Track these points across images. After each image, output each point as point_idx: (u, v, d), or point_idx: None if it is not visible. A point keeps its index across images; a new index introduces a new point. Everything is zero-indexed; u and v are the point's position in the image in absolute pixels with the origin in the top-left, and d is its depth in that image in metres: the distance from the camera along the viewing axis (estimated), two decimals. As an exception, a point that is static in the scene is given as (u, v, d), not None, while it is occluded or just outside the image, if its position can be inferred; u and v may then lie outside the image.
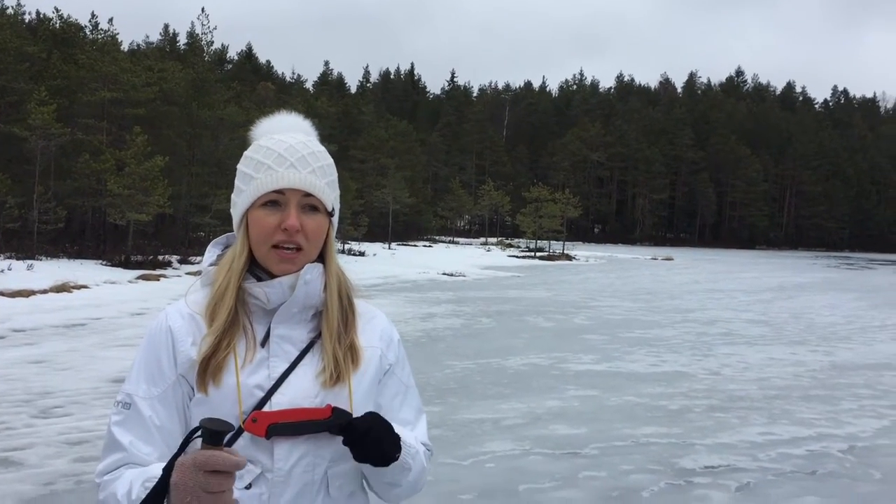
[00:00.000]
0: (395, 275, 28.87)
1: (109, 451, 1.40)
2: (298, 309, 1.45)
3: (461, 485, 5.83)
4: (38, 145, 25.68)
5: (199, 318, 1.44)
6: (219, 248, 1.56)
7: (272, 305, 1.44)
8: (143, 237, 29.64)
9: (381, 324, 1.58)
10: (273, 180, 1.42)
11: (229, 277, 1.43)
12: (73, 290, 17.94)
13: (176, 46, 73.78)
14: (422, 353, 11.71)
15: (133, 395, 1.41)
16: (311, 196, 1.44)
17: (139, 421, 1.39)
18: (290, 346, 1.44)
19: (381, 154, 56.76)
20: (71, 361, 10.01)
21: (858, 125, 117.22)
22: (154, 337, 1.45)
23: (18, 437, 6.61)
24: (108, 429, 1.42)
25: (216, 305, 1.42)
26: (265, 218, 1.42)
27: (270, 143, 1.47)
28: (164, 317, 1.47)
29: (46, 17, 43.75)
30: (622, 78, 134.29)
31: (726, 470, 6.44)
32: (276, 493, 1.38)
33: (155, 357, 1.43)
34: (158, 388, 1.41)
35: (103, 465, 1.39)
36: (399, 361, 1.58)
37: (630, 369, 11.10)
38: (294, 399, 1.39)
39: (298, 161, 1.44)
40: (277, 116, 1.56)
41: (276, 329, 1.44)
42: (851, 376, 11.16)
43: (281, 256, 1.42)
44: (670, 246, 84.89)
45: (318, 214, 1.45)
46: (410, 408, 1.58)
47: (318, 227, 1.45)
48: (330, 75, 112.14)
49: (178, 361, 1.41)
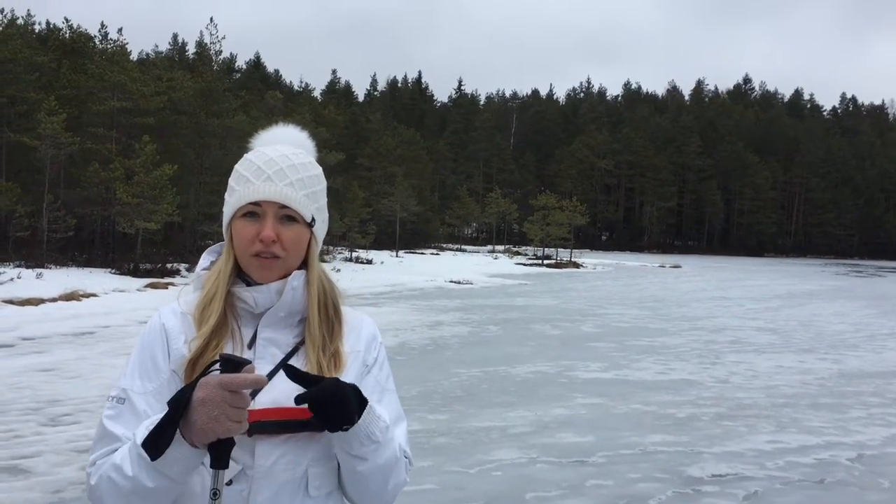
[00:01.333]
0: (402, 283, 28.88)
1: (102, 442, 1.42)
2: (285, 313, 1.50)
3: (468, 492, 5.83)
4: (47, 154, 25.84)
5: (190, 317, 1.49)
6: (213, 255, 1.61)
7: (260, 309, 1.49)
8: (152, 245, 29.74)
9: (367, 330, 1.61)
10: (250, 193, 1.48)
11: (217, 283, 1.49)
12: (81, 299, 18.02)
13: (185, 56, 74.26)
14: (429, 360, 11.71)
15: (128, 389, 1.44)
16: (287, 207, 1.49)
17: (133, 415, 1.42)
18: (276, 348, 1.49)
19: (388, 162, 56.84)
20: (79, 369, 10.06)
21: (867, 132, 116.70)
22: (149, 335, 1.50)
23: (27, 444, 6.64)
24: (101, 422, 1.43)
25: (205, 308, 1.47)
26: (244, 228, 1.48)
27: (253, 155, 1.53)
28: (158, 316, 1.53)
29: (56, 27, 44.11)
30: (629, 86, 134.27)
31: (734, 478, 6.42)
32: (256, 490, 1.40)
33: (150, 354, 1.47)
34: (153, 384, 1.45)
35: (95, 455, 1.41)
36: (378, 363, 1.58)
37: (637, 377, 11.07)
38: (277, 399, 1.42)
39: (276, 174, 1.49)
40: (274, 129, 1.61)
41: (262, 332, 1.49)
42: (860, 384, 11.11)
43: (260, 263, 1.48)
44: (678, 253, 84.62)
45: (295, 225, 1.50)
46: (385, 411, 1.54)
47: (296, 237, 1.50)
48: (338, 84, 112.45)
49: (172, 358, 1.46)
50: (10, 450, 6.47)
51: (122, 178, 26.10)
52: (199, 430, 1.26)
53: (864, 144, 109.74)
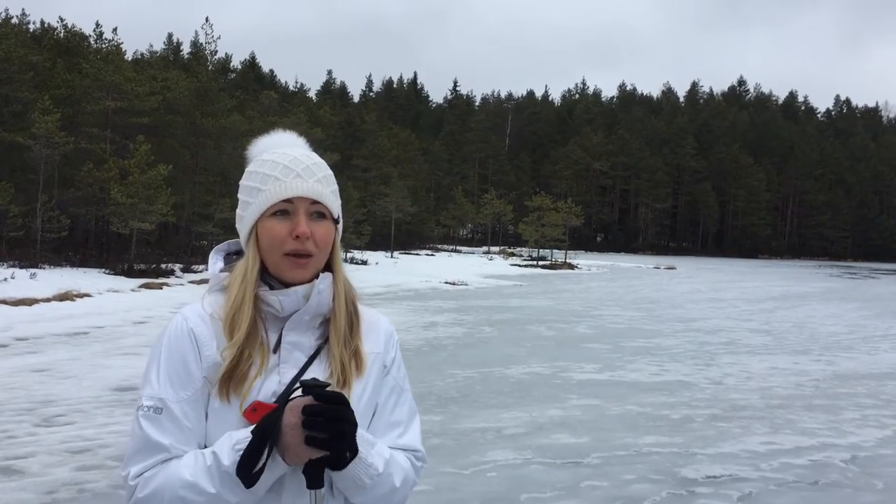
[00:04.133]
0: (397, 283, 28.87)
1: (145, 453, 1.41)
2: (310, 317, 1.50)
3: (462, 494, 5.83)
4: (41, 154, 25.75)
5: (220, 322, 1.47)
6: (221, 254, 1.60)
7: (285, 313, 1.48)
8: (146, 246, 29.64)
9: (383, 328, 1.63)
10: (282, 190, 1.48)
11: (244, 288, 1.47)
12: (75, 299, 17.96)
13: (180, 56, 74.12)
14: (424, 361, 11.71)
15: (164, 398, 1.43)
16: (319, 203, 1.50)
17: (174, 424, 1.42)
18: (300, 352, 1.49)
19: (383, 163, 56.83)
20: (73, 370, 10.03)
21: (861, 135, 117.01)
22: (176, 340, 1.47)
23: (20, 445, 6.62)
24: (140, 433, 1.42)
25: (235, 316, 1.46)
26: (276, 227, 1.47)
27: (274, 156, 1.53)
28: (183, 320, 1.49)
29: (51, 26, 44.03)
30: (625, 87, 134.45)
31: (728, 480, 6.43)
32: None
33: (181, 360, 1.45)
34: (187, 392, 1.44)
35: (139, 467, 1.40)
36: (395, 363, 1.62)
37: (632, 378, 11.08)
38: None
39: (304, 171, 1.50)
40: (274, 135, 1.62)
41: (287, 336, 1.49)
42: (854, 386, 11.14)
43: (293, 263, 1.47)
44: (673, 255, 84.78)
45: (325, 221, 1.51)
46: (403, 409, 1.61)
47: (327, 233, 1.50)
48: (333, 84, 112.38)
49: (204, 365, 1.45)
50: (3, 450, 6.44)
51: (116, 178, 26.04)
52: (294, 453, 1.34)
53: (858, 146, 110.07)
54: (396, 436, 1.59)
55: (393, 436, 1.58)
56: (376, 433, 1.56)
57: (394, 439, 1.58)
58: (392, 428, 1.58)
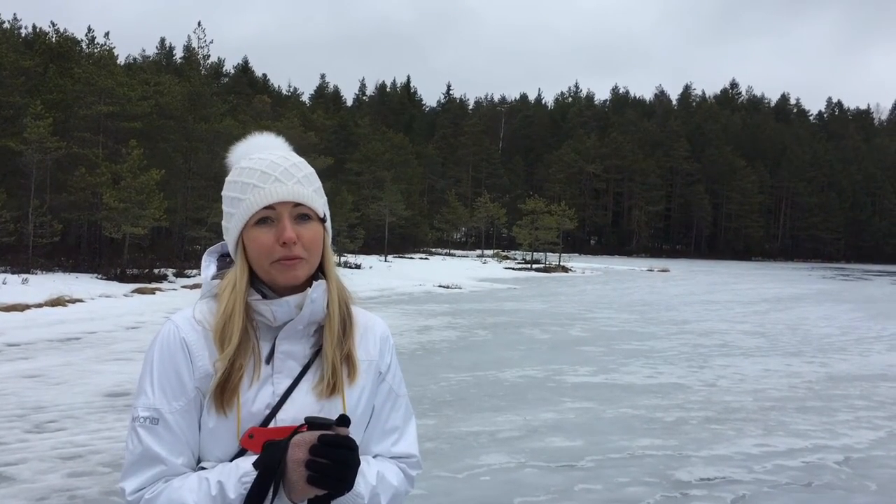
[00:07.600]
0: (391, 287, 28.84)
1: (143, 463, 1.39)
2: (303, 326, 1.47)
3: (456, 498, 5.82)
4: (33, 159, 25.66)
5: (210, 331, 1.45)
6: (214, 256, 1.58)
7: (278, 323, 1.46)
8: (139, 251, 29.57)
9: (378, 333, 1.60)
10: (262, 197, 1.44)
11: (234, 298, 1.44)
12: (68, 304, 17.89)
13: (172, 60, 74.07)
14: (417, 365, 11.69)
15: (160, 409, 1.41)
16: (302, 205, 1.46)
17: (171, 434, 1.40)
18: (293, 361, 1.46)
19: (377, 167, 56.86)
20: (65, 376, 9.98)
21: (853, 137, 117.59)
22: (168, 349, 1.44)
23: (11, 451, 6.58)
24: (138, 444, 1.40)
25: (225, 327, 1.43)
26: (261, 236, 1.44)
27: (251, 163, 1.49)
28: (175, 328, 1.46)
29: (43, 31, 43.89)
30: (617, 90, 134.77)
31: (722, 482, 6.43)
32: None
33: (173, 370, 1.43)
34: (180, 402, 1.41)
35: (139, 481, 1.38)
36: (390, 369, 1.60)
37: (626, 381, 11.09)
38: (297, 416, 1.41)
39: (282, 174, 1.46)
40: (251, 139, 1.58)
41: (280, 346, 1.46)
42: (847, 387, 11.17)
43: (284, 267, 1.43)
44: (666, 257, 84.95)
45: (311, 222, 1.47)
46: (398, 414, 1.60)
47: (314, 234, 1.47)
48: (326, 88, 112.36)
49: (196, 375, 1.42)
50: (-6, 457, 6.40)
51: (108, 183, 25.97)
52: (301, 489, 1.33)
53: (850, 149, 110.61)
54: (391, 443, 1.57)
55: (388, 444, 1.57)
56: (371, 440, 1.55)
57: (388, 447, 1.57)
58: (387, 436, 1.57)
